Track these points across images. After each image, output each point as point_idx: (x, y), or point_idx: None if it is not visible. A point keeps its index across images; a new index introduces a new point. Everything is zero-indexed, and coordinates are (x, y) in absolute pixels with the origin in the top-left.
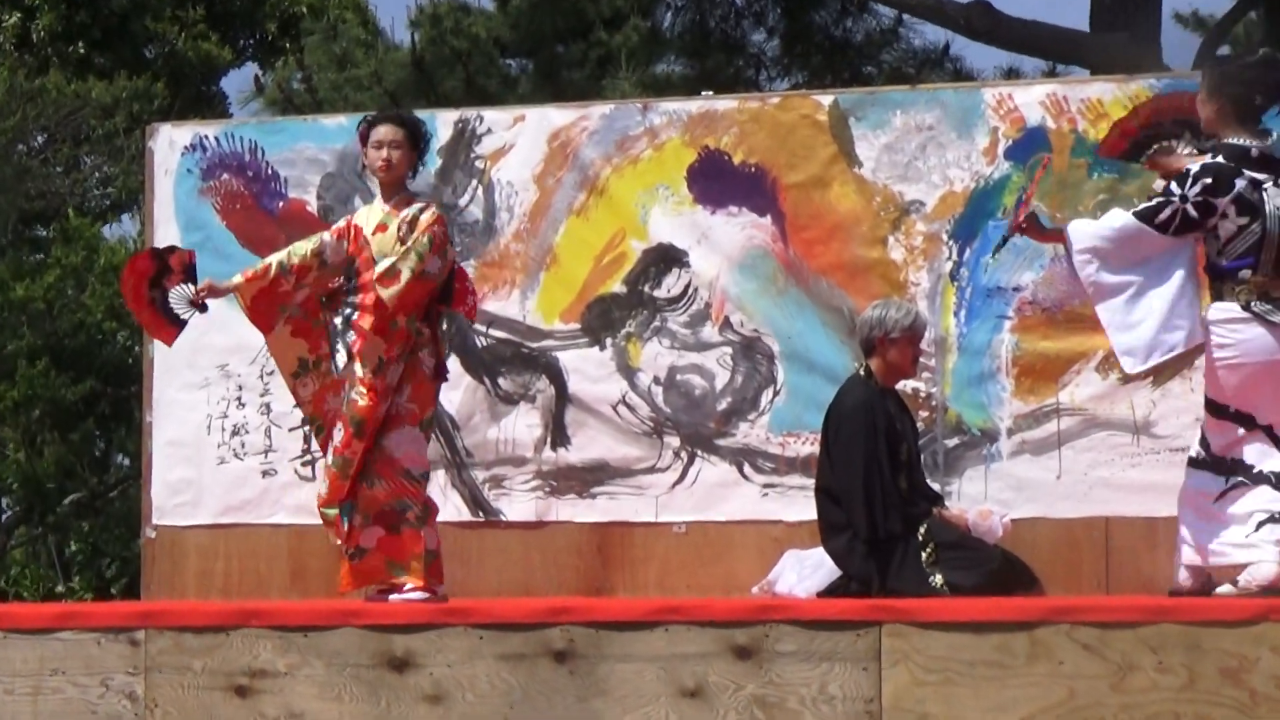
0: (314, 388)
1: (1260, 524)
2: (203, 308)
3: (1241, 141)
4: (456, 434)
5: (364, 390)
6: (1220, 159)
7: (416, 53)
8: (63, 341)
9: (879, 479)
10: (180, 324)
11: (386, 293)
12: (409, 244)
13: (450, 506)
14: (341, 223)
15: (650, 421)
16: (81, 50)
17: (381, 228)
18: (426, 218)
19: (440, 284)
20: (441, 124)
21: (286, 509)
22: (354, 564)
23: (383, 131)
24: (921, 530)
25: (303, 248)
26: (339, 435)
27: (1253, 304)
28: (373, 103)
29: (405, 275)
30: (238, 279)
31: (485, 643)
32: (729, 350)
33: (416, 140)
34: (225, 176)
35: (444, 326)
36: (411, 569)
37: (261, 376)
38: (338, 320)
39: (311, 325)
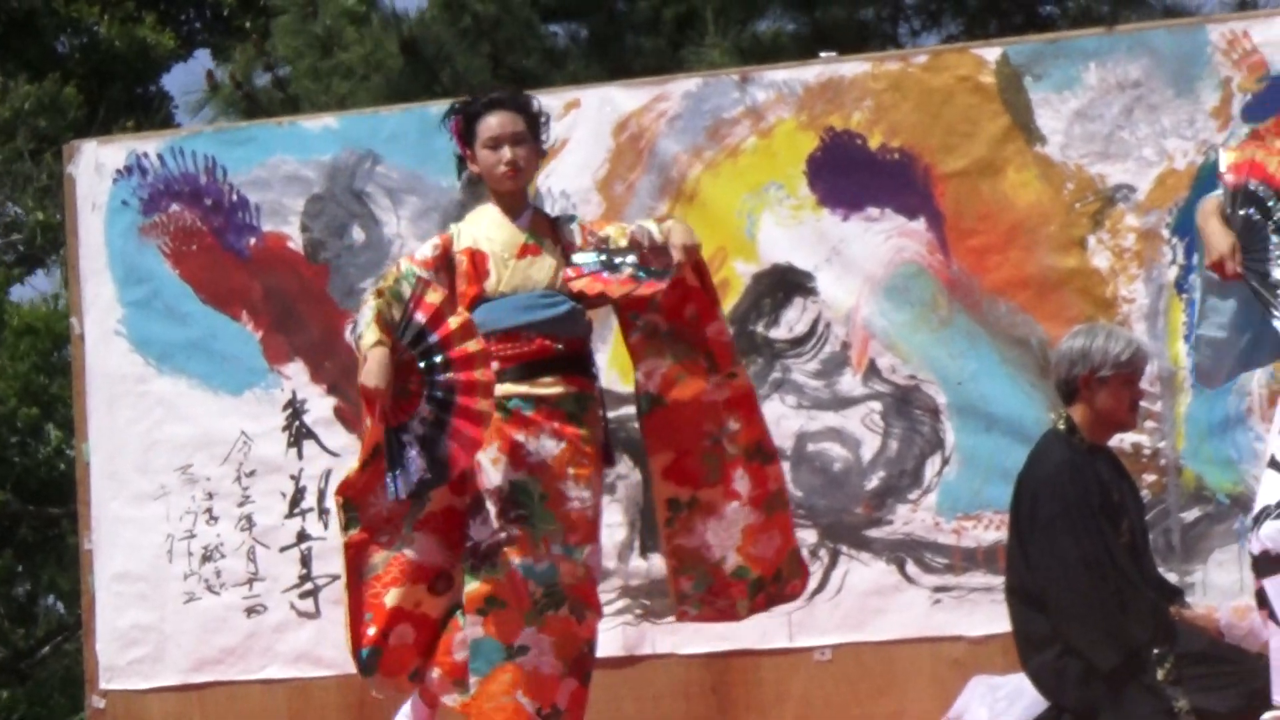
0: None
1: None
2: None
3: None
4: None
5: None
6: None
7: (406, 32)
8: None
9: (1100, 569)
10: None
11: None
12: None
13: None
14: (429, 250)
15: None
16: None
17: (531, 250)
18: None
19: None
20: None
21: (283, 658)
22: None
23: (496, 123)
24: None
25: (403, 291)
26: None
27: None
28: (368, 96)
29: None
30: (374, 334)
31: None
32: (877, 406)
33: (538, 128)
34: (175, 208)
35: None
36: None
37: (239, 479)
38: None
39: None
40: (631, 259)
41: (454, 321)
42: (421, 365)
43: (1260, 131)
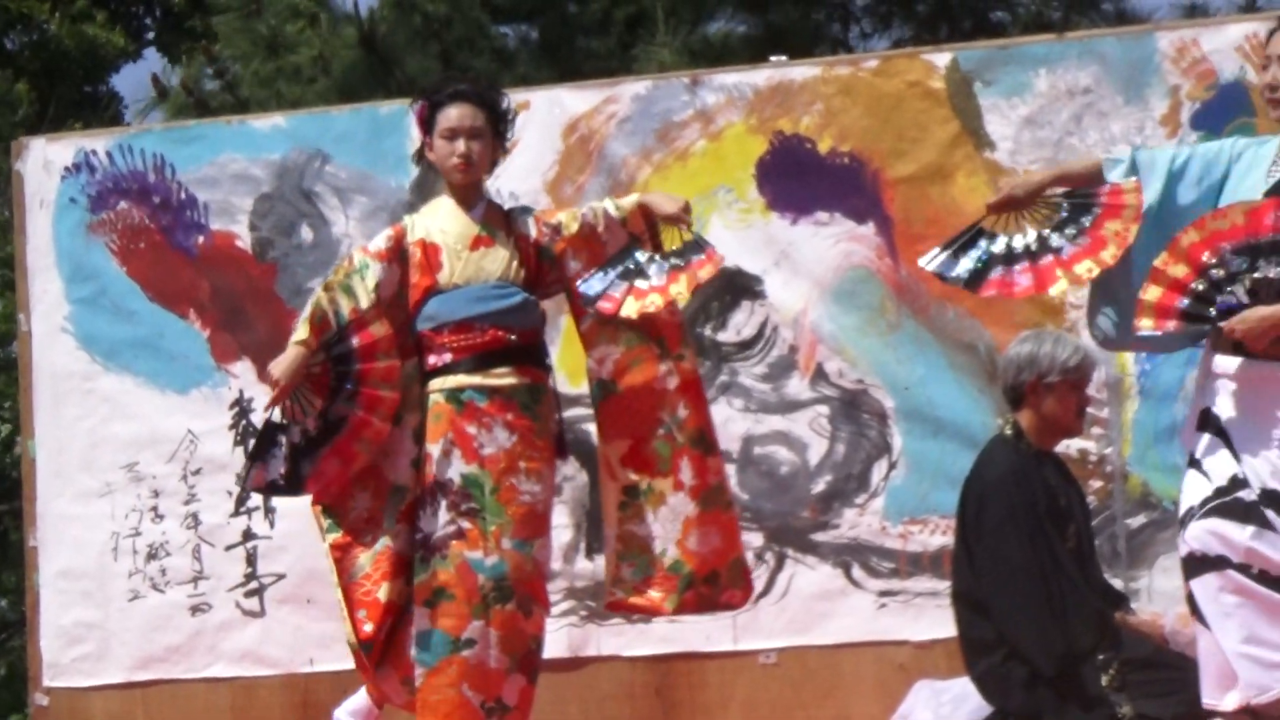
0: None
1: None
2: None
3: None
4: None
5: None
6: None
7: (365, 25)
8: None
9: (1045, 575)
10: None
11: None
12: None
13: None
14: (382, 242)
15: None
16: None
17: (484, 242)
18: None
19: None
20: (414, 120)
21: (227, 657)
22: None
23: (455, 115)
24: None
25: (354, 286)
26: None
27: None
28: (317, 98)
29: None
30: (304, 331)
31: None
32: (825, 410)
33: (500, 123)
34: (123, 205)
35: None
36: None
37: (185, 477)
38: None
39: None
40: (644, 255)
41: (381, 362)
42: (332, 384)
43: (1164, 261)
